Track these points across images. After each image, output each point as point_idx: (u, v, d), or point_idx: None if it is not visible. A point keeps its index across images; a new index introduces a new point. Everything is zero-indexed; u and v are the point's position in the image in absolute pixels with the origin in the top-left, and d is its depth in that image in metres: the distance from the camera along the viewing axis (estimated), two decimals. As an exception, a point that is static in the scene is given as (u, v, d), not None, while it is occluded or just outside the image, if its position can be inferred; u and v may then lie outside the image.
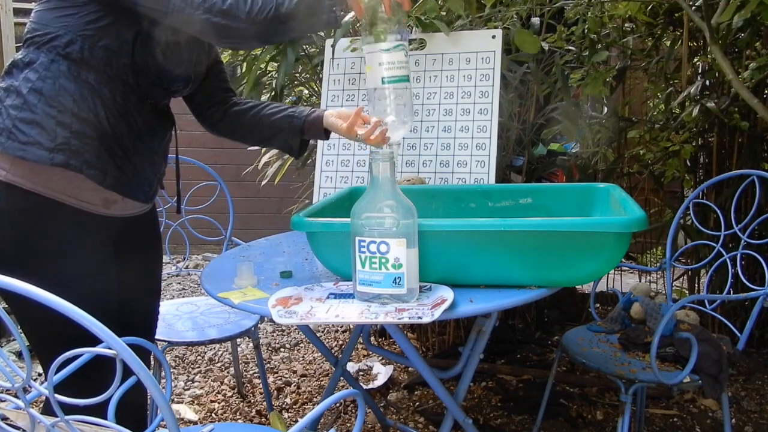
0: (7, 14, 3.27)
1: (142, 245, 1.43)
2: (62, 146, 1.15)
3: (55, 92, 1.16)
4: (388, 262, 1.07)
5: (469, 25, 2.09)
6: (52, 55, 1.18)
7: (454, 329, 2.67)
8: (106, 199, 1.23)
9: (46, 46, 1.18)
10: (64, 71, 1.17)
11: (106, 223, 1.26)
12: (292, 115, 1.48)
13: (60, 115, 1.16)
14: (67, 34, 1.17)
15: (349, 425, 2.18)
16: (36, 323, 1.22)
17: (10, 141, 1.15)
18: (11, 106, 1.17)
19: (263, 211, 4.49)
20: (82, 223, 1.21)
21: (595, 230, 1.11)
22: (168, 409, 0.74)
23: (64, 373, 0.96)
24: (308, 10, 1.19)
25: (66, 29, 1.17)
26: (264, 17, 1.17)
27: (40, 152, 1.14)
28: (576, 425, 2.14)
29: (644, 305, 1.80)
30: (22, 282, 0.70)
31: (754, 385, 2.44)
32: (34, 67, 1.18)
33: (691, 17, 1.90)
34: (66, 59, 1.17)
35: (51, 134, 1.15)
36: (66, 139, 1.16)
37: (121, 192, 1.25)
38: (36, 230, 1.18)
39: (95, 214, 1.23)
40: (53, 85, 1.16)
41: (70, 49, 1.17)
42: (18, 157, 1.15)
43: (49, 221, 1.18)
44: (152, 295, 1.51)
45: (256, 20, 1.18)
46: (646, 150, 2.67)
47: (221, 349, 2.83)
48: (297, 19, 1.20)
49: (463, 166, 1.82)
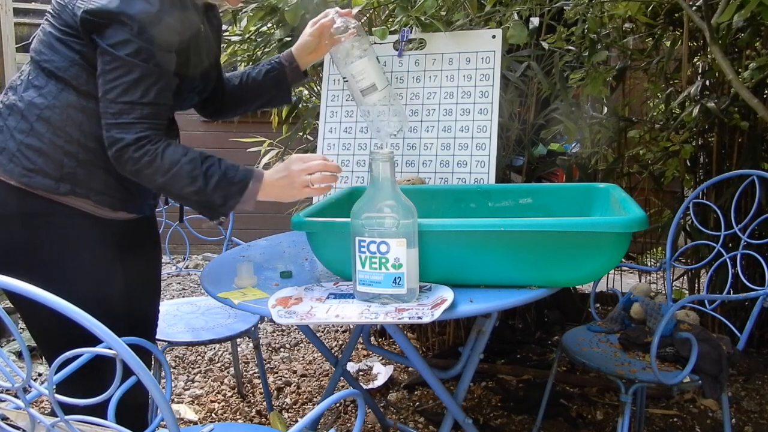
0: (7, 14, 3.27)
1: (142, 245, 1.43)
2: (68, 176, 1.18)
3: (63, 122, 1.18)
4: (388, 262, 1.07)
5: (469, 25, 2.09)
6: (61, 84, 1.18)
7: (454, 329, 2.67)
8: (96, 204, 1.25)
9: (55, 75, 1.18)
10: (73, 102, 1.18)
11: (110, 224, 1.27)
12: (269, 72, 1.53)
13: (67, 145, 1.18)
14: (73, 66, 1.18)
15: (349, 425, 2.18)
16: (42, 323, 1.24)
17: (13, 164, 1.16)
18: (16, 129, 1.18)
19: (263, 211, 4.47)
20: (90, 224, 1.23)
21: (595, 230, 1.11)
22: (168, 409, 0.74)
23: (64, 373, 0.96)
24: (196, 204, 1.24)
25: (73, 62, 1.18)
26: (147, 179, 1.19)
27: (46, 181, 1.17)
28: (576, 425, 2.14)
29: (644, 305, 1.80)
30: (22, 282, 0.70)
31: (754, 385, 2.44)
32: (42, 93, 1.18)
33: (691, 17, 1.90)
34: (75, 90, 1.18)
35: (56, 164, 1.17)
36: (72, 168, 1.18)
37: (128, 210, 1.30)
38: (42, 230, 1.19)
39: (101, 218, 1.25)
40: (61, 114, 1.18)
41: (78, 81, 1.18)
42: (23, 183, 1.16)
43: (54, 221, 1.20)
44: (152, 295, 1.51)
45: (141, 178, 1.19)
46: (646, 150, 2.67)
47: (221, 349, 2.83)
48: (177, 199, 1.28)
49: (463, 166, 1.82)
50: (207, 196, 1.20)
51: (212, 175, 1.20)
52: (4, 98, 1.22)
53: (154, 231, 1.51)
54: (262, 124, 2.93)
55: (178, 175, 1.17)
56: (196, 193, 1.19)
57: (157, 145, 1.17)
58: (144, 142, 1.16)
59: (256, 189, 1.23)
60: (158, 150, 1.17)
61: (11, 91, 1.22)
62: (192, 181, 1.18)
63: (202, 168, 1.19)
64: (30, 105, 1.18)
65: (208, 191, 1.19)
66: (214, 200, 1.21)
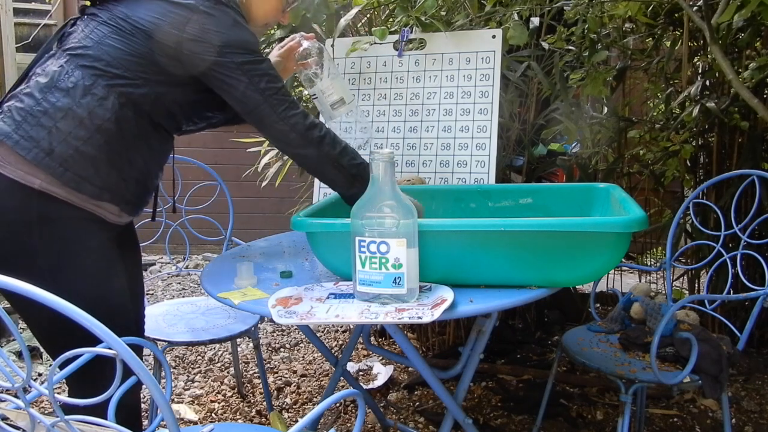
0: (7, 14, 3.27)
1: (127, 248, 1.46)
2: (109, 187, 1.22)
3: (119, 137, 1.21)
4: (388, 262, 1.07)
5: (469, 25, 2.09)
6: (123, 99, 1.20)
7: (454, 329, 2.67)
8: (121, 211, 1.29)
9: (119, 88, 1.20)
10: (130, 118, 1.22)
11: (112, 228, 1.30)
12: None
13: (118, 160, 1.22)
14: (144, 87, 1.22)
15: (349, 425, 2.18)
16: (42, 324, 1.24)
17: (62, 169, 1.16)
18: (72, 135, 1.16)
19: (263, 211, 4.49)
20: (96, 226, 1.25)
21: (595, 230, 1.11)
22: (168, 409, 0.74)
23: (65, 374, 0.96)
24: (350, 177, 1.35)
25: (145, 81, 1.22)
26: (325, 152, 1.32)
27: (90, 188, 1.20)
28: (576, 425, 2.14)
29: (644, 305, 1.80)
30: (22, 282, 0.70)
31: (754, 385, 2.44)
32: (105, 105, 1.18)
33: (691, 17, 1.90)
34: (133, 107, 1.22)
35: (103, 176, 1.21)
36: (115, 182, 1.23)
37: (137, 214, 1.37)
38: (56, 234, 1.19)
39: (109, 222, 1.27)
40: (118, 130, 1.21)
41: (141, 100, 1.22)
42: (70, 188, 1.17)
43: (70, 226, 1.21)
44: (138, 296, 1.53)
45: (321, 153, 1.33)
46: (646, 150, 2.67)
47: (221, 349, 2.83)
48: (339, 171, 1.34)
49: (463, 166, 1.82)
50: (364, 169, 1.32)
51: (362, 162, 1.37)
52: (51, 98, 1.17)
53: (134, 233, 1.55)
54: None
55: (347, 148, 1.35)
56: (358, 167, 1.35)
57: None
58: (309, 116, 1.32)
59: None
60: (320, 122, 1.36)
61: (58, 92, 1.17)
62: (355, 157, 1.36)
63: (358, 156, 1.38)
64: (91, 114, 1.17)
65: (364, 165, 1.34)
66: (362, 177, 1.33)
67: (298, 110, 1.31)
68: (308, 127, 1.31)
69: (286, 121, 1.29)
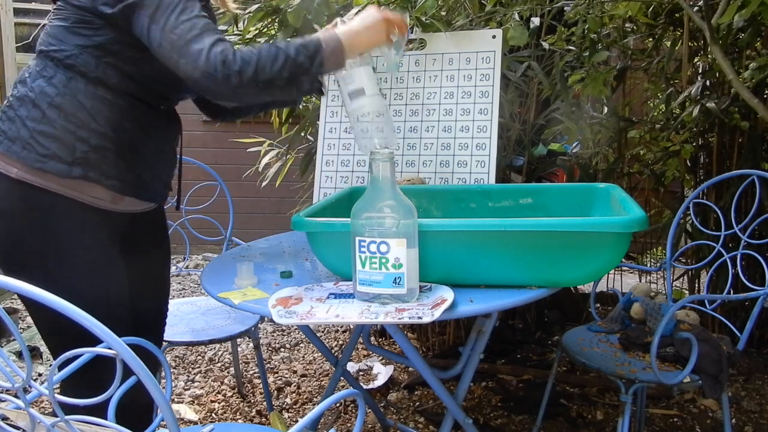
0: (7, 14, 3.27)
1: (148, 242, 1.44)
2: (81, 160, 1.20)
3: (74, 109, 1.20)
4: (388, 262, 1.07)
5: (469, 25, 2.09)
6: (70, 72, 1.21)
7: (454, 329, 2.67)
8: (114, 196, 1.26)
9: (63, 63, 1.21)
10: (82, 88, 1.21)
11: (112, 218, 1.27)
12: None
13: (79, 131, 1.20)
14: (82, 53, 1.21)
15: (349, 425, 2.18)
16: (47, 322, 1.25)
17: (26, 151, 1.19)
18: (28, 117, 1.20)
19: (263, 211, 4.49)
20: (90, 218, 1.23)
21: (595, 230, 1.11)
22: (168, 409, 0.74)
23: (65, 373, 0.96)
24: (290, 78, 1.17)
25: (81, 49, 1.21)
26: (241, 80, 1.14)
27: (59, 165, 1.18)
28: (576, 425, 2.14)
29: (644, 305, 1.80)
30: (22, 282, 0.70)
31: (754, 385, 2.44)
32: (53, 82, 1.21)
33: (692, 17, 1.90)
34: (83, 77, 1.21)
35: (70, 148, 1.19)
36: (84, 153, 1.20)
37: (139, 197, 1.31)
38: (46, 225, 1.20)
39: (102, 209, 1.25)
40: (72, 101, 1.20)
41: (85, 68, 1.21)
42: (37, 169, 1.18)
43: (58, 216, 1.21)
44: (158, 293, 1.51)
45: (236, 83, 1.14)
46: (647, 150, 2.67)
47: (221, 349, 2.83)
48: (275, 87, 1.17)
49: (463, 166, 1.82)
50: (294, 62, 1.17)
51: (288, 44, 1.19)
52: (14, 92, 1.24)
53: (162, 228, 1.51)
54: (263, 124, 2.93)
55: (261, 57, 1.14)
56: (284, 65, 1.16)
57: (228, 44, 1.16)
58: (219, 43, 1.14)
59: (332, 34, 1.22)
60: (230, 46, 1.16)
61: (20, 85, 1.24)
62: (274, 57, 1.16)
63: (273, 44, 1.18)
64: (41, 94, 1.21)
65: (291, 56, 1.16)
66: (302, 63, 1.17)
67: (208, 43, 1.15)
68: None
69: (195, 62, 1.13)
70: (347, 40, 1.23)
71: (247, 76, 1.13)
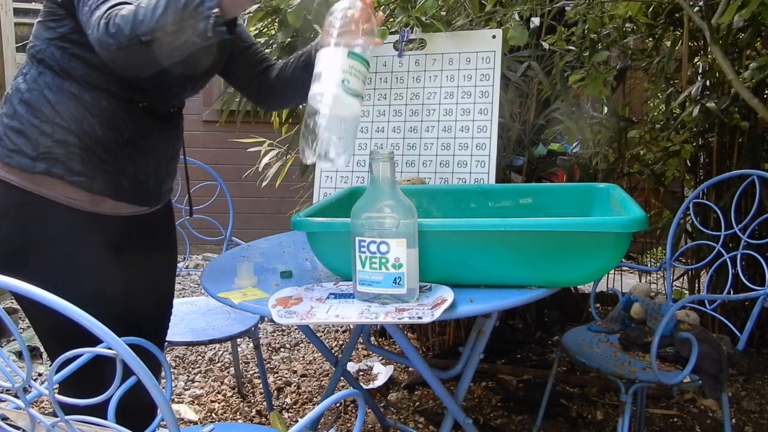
0: (7, 14, 3.27)
1: (147, 245, 1.41)
2: (44, 155, 1.18)
3: (39, 103, 1.20)
4: (388, 262, 1.07)
5: (469, 25, 2.09)
6: (40, 67, 1.21)
7: (454, 329, 2.67)
8: (93, 197, 1.23)
9: (35, 58, 1.22)
10: (49, 82, 1.20)
11: (101, 220, 1.25)
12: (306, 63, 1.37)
13: (43, 125, 1.19)
14: (49, 47, 1.20)
15: (349, 425, 2.18)
16: (42, 322, 1.24)
17: (1, 147, 1.20)
18: (4, 114, 1.22)
19: (263, 211, 4.49)
20: (74, 219, 1.22)
21: (595, 230, 1.11)
22: (168, 409, 0.74)
23: (65, 374, 0.96)
24: (177, 23, 1.03)
25: (48, 42, 1.20)
26: (121, 42, 1.04)
27: (24, 160, 1.18)
28: (576, 425, 2.14)
29: (644, 305, 1.80)
30: (22, 282, 0.70)
31: (754, 385, 2.44)
32: (26, 78, 1.22)
33: (692, 17, 1.90)
34: (51, 71, 1.21)
35: (34, 143, 1.19)
36: (48, 147, 1.18)
37: (113, 197, 1.26)
38: (28, 225, 1.20)
39: (86, 212, 1.23)
40: (38, 96, 1.20)
41: (52, 62, 1.20)
42: (5, 164, 1.19)
43: (40, 217, 1.20)
44: (160, 295, 1.49)
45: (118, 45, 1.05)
46: (647, 150, 2.67)
47: (221, 349, 2.83)
48: (163, 39, 1.04)
49: (463, 166, 1.82)
50: (176, 3, 1.02)
51: None
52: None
53: (165, 231, 1.48)
54: (263, 124, 2.93)
55: (139, 10, 1.03)
56: (164, 11, 1.02)
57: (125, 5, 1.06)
58: (113, 8, 1.06)
59: None
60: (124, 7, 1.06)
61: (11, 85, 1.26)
62: (154, 5, 1.03)
63: None
64: (15, 90, 1.23)
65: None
66: (186, 2, 1.03)
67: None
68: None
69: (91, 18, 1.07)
70: None
71: (126, 35, 1.03)
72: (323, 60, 1.10)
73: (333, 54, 1.09)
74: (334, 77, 1.08)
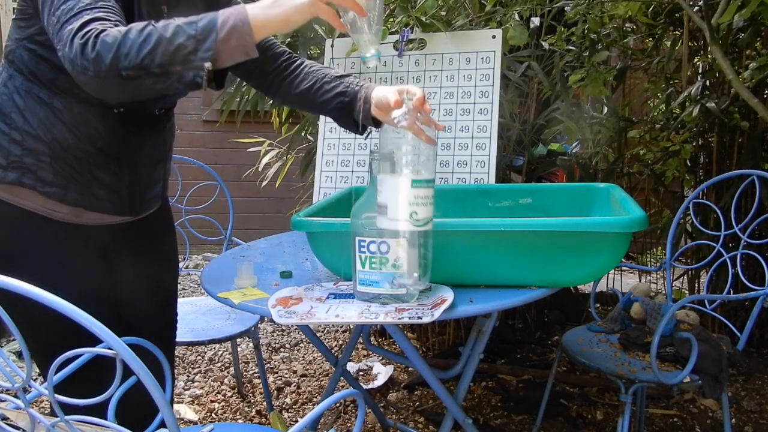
0: (7, 14, 3.27)
1: (142, 250, 1.35)
2: (14, 164, 1.11)
3: (9, 109, 1.12)
4: (388, 262, 1.07)
5: (469, 25, 2.09)
6: (10, 69, 1.13)
7: (454, 329, 2.67)
8: (73, 209, 1.17)
9: (7, 59, 1.14)
10: (18, 86, 1.12)
11: (85, 231, 1.19)
12: (339, 97, 1.30)
13: (13, 132, 1.11)
14: (18, 47, 1.12)
15: (349, 425, 2.18)
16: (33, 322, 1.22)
17: None
18: None
19: (263, 211, 4.49)
20: (55, 231, 1.15)
21: (595, 230, 1.11)
22: (168, 409, 0.74)
23: (64, 374, 0.96)
24: (165, 66, 0.94)
25: (17, 42, 1.12)
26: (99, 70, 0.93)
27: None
28: (576, 425, 2.14)
29: (644, 305, 1.80)
30: (21, 282, 0.70)
31: (754, 385, 2.44)
32: (0, 81, 1.14)
33: (692, 17, 1.90)
34: (20, 74, 1.12)
35: (4, 152, 1.11)
36: (18, 156, 1.11)
37: (87, 207, 1.18)
38: (10, 236, 1.14)
39: (69, 223, 1.17)
40: (8, 101, 1.12)
41: (20, 64, 1.12)
42: None
43: (21, 228, 1.13)
44: (158, 298, 1.44)
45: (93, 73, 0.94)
46: (647, 150, 2.67)
47: (221, 349, 2.83)
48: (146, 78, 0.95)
49: (463, 166, 1.82)
50: (170, 44, 0.93)
51: (169, 23, 0.96)
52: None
53: (161, 234, 1.42)
54: (263, 124, 2.93)
55: (127, 40, 0.93)
56: (155, 48, 0.93)
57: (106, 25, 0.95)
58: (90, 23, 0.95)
59: (239, 10, 0.98)
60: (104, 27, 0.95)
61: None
62: (144, 39, 0.93)
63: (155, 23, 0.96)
64: None
65: (167, 36, 0.93)
66: (181, 46, 0.93)
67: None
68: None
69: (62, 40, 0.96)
70: (260, 18, 0.97)
71: (105, 64, 0.92)
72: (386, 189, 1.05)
73: (397, 184, 1.04)
74: (402, 212, 1.04)
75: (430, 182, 1.06)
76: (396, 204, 1.03)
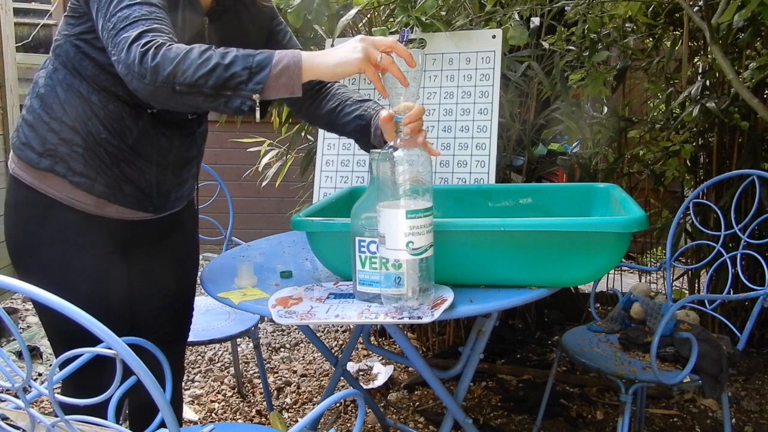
0: (7, 14, 3.27)
1: (161, 249, 1.39)
2: (49, 152, 1.19)
3: (51, 99, 1.20)
4: (388, 262, 1.07)
5: (469, 25, 2.09)
6: (56, 62, 1.21)
7: (454, 329, 2.67)
8: (98, 200, 1.22)
9: (54, 53, 1.22)
10: (61, 79, 1.20)
11: (107, 224, 1.25)
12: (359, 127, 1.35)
13: (52, 122, 1.19)
14: (66, 43, 1.20)
15: (349, 425, 2.18)
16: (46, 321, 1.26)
17: (16, 139, 1.23)
18: (24, 106, 1.24)
19: (263, 211, 4.49)
20: (78, 221, 1.22)
21: (595, 230, 1.11)
22: (168, 409, 0.74)
23: (64, 374, 0.96)
24: (216, 89, 1.00)
25: (65, 38, 1.20)
26: (155, 79, 1.00)
27: (31, 155, 1.19)
28: (576, 425, 2.14)
29: (644, 305, 1.80)
30: (21, 282, 0.70)
31: (754, 385, 2.44)
32: (44, 73, 1.23)
33: (692, 17, 1.90)
34: (64, 68, 1.20)
35: (41, 139, 1.19)
36: (53, 145, 1.19)
37: (112, 200, 1.23)
38: (34, 223, 1.21)
39: (92, 214, 1.22)
40: (51, 92, 1.20)
41: (66, 59, 1.20)
42: (17, 156, 1.22)
43: (46, 216, 1.21)
44: (172, 299, 1.46)
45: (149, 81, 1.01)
46: (647, 150, 2.67)
47: (221, 349, 2.83)
48: (196, 95, 1.01)
49: (463, 166, 1.82)
50: (224, 71, 1.00)
51: (229, 51, 1.03)
52: None
53: (182, 235, 1.47)
54: (263, 124, 2.93)
55: (187, 59, 1.00)
56: (211, 72, 0.99)
57: (163, 38, 1.02)
58: (148, 33, 1.02)
59: (294, 54, 1.05)
60: (164, 40, 1.02)
61: None
62: (203, 61, 1.00)
63: (214, 48, 1.03)
64: (35, 84, 1.23)
65: (223, 64, 1.00)
66: (234, 75, 1.00)
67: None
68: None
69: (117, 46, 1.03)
70: (310, 62, 1.06)
71: (163, 76, 0.99)
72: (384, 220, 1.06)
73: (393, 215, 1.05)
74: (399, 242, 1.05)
75: (428, 211, 1.06)
76: (394, 235, 1.04)
